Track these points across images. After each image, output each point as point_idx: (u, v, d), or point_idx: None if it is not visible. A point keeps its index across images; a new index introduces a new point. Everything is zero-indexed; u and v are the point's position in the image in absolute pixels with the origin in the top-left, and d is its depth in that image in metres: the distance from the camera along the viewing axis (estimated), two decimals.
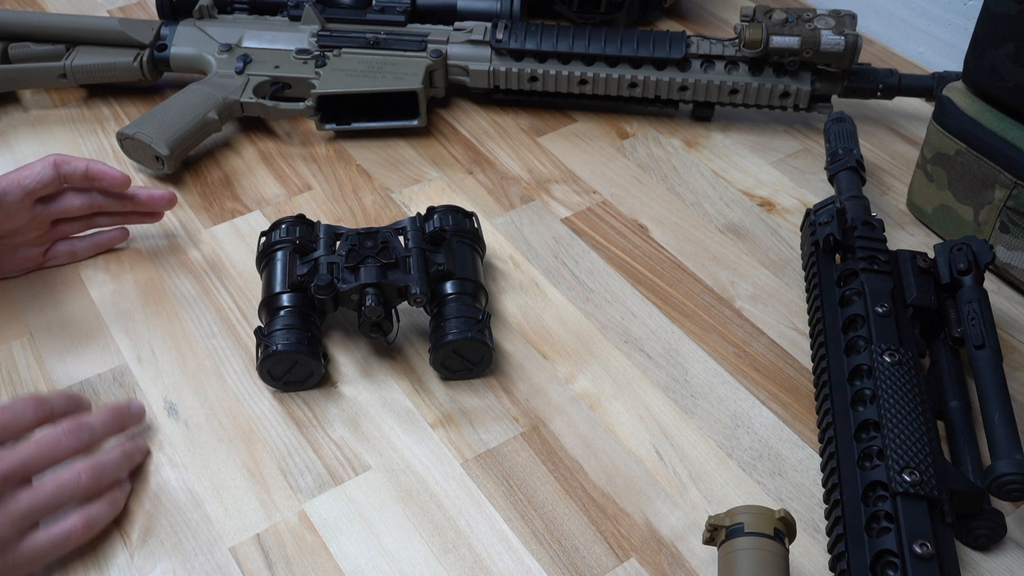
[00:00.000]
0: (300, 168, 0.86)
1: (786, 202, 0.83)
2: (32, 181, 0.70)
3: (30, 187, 0.70)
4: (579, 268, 0.77)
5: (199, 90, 0.87)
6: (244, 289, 0.75)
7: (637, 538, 0.59)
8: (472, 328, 0.66)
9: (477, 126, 0.91)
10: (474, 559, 0.58)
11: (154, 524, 0.60)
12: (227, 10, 0.95)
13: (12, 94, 0.94)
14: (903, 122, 0.91)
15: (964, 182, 0.74)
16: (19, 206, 0.70)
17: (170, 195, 0.77)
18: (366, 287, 0.66)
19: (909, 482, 0.54)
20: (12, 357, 0.70)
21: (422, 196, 0.84)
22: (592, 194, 0.84)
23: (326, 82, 0.87)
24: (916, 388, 0.59)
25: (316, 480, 0.62)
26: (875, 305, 0.64)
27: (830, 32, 0.82)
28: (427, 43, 0.89)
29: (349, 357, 0.70)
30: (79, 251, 0.77)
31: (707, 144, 0.89)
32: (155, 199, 0.76)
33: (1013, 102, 0.70)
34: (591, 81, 0.88)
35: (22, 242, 0.74)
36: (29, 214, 0.71)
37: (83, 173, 0.72)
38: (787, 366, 0.70)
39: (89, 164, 0.72)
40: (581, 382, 0.68)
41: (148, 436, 0.65)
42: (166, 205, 0.77)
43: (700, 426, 0.66)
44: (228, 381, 0.68)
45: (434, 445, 0.64)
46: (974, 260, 0.66)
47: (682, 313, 0.73)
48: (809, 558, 0.58)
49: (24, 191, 0.70)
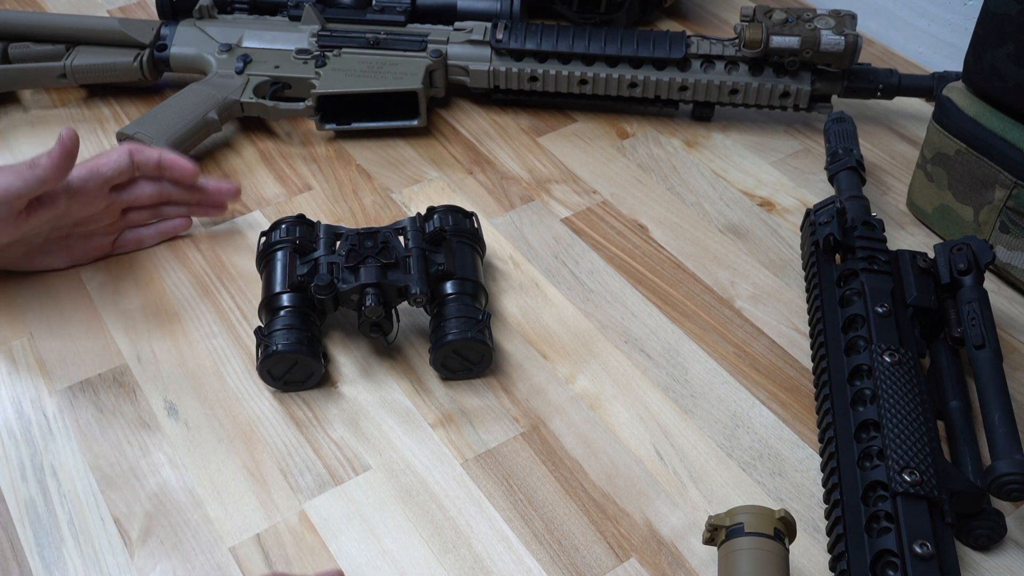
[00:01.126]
0: (300, 168, 0.86)
1: (786, 202, 0.83)
2: (110, 169, 0.72)
3: (108, 175, 0.72)
4: (579, 268, 0.77)
5: (199, 90, 0.87)
6: (244, 289, 0.75)
7: (637, 538, 0.59)
8: (472, 328, 0.66)
9: (477, 126, 0.91)
10: (474, 559, 0.58)
11: (154, 524, 0.60)
12: (227, 10, 0.95)
13: (12, 94, 0.94)
14: (903, 122, 0.91)
15: (964, 182, 0.74)
16: (97, 193, 0.72)
17: (236, 187, 0.78)
18: (366, 287, 0.66)
19: (909, 482, 0.54)
20: (12, 357, 0.70)
21: (422, 196, 0.84)
22: (592, 194, 0.84)
23: (326, 82, 0.87)
24: (916, 388, 0.59)
25: (316, 480, 0.62)
26: (875, 305, 0.64)
27: (830, 32, 0.82)
28: (427, 43, 0.89)
29: (349, 357, 0.70)
30: (145, 239, 0.78)
31: (707, 144, 0.89)
32: (222, 191, 0.78)
33: (1013, 102, 0.70)
34: (591, 81, 0.88)
35: (95, 230, 0.75)
36: (105, 202, 0.73)
37: (156, 163, 0.74)
38: (787, 366, 0.70)
39: (162, 154, 0.75)
40: (581, 382, 0.68)
41: (148, 436, 0.65)
42: (232, 197, 0.78)
43: (700, 426, 0.66)
44: (228, 381, 0.68)
45: (434, 445, 0.64)
46: (974, 260, 0.66)
47: (682, 313, 0.73)
48: (809, 558, 0.58)
49: (102, 179, 0.72)
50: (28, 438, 0.65)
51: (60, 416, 0.66)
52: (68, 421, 0.66)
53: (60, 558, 0.58)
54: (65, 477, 0.62)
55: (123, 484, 0.62)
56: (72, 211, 0.72)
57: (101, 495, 0.62)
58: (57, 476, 0.63)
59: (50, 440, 0.65)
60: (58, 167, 0.67)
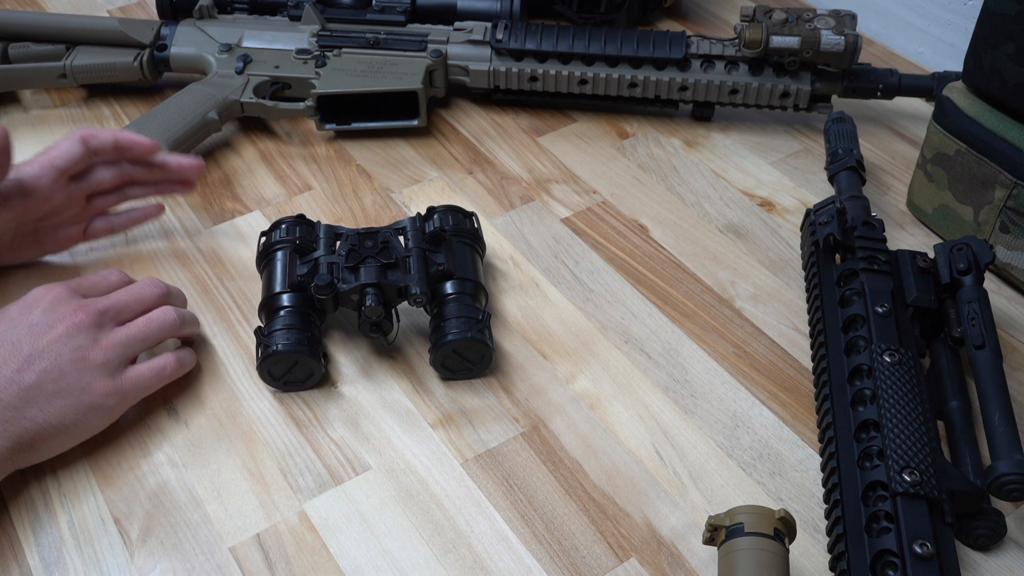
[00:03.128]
0: (300, 168, 0.86)
1: (786, 202, 0.83)
2: (63, 160, 0.70)
3: (61, 166, 0.70)
4: (579, 268, 0.77)
5: (199, 90, 0.87)
6: (244, 289, 0.75)
7: (637, 538, 0.59)
8: (472, 328, 0.66)
9: (477, 126, 0.91)
10: (474, 559, 0.58)
11: (154, 524, 0.60)
12: (227, 10, 0.95)
13: (12, 94, 0.94)
14: (903, 122, 0.91)
15: (964, 182, 0.74)
16: (54, 187, 0.70)
17: (199, 163, 0.76)
18: (366, 287, 0.66)
19: (909, 482, 0.54)
20: None
21: (422, 196, 0.84)
22: (592, 194, 0.84)
23: (326, 82, 0.87)
24: (916, 388, 0.59)
25: (316, 480, 0.62)
26: (875, 305, 0.64)
27: (830, 32, 0.82)
28: (427, 43, 0.89)
29: (349, 357, 0.70)
30: (116, 226, 0.77)
31: (707, 144, 0.89)
32: (184, 166, 0.76)
33: (1013, 102, 0.70)
34: (591, 81, 0.88)
35: (61, 221, 0.74)
36: (64, 193, 0.71)
37: (112, 144, 0.72)
38: (787, 366, 0.70)
39: (117, 134, 0.72)
40: (581, 382, 0.68)
41: (148, 436, 0.65)
42: (195, 172, 0.76)
43: (700, 426, 0.66)
44: (228, 381, 0.68)
45: (434, 445, 0.64)
46: (974, 260, 0.66)
47: (682, 313, 0.73)
48: (809, 558, 0.58)
49: (57, 171, 0.70)
50: None
51: None
52: None
53: (60, 558, 0.58)
54: (65, 477, 0.62)
55: (123, 484, 0.62)
56: (31, 209, 0.70)
57: (101, 495, 0.62)
58: (57, 476, 0.63)
59: None
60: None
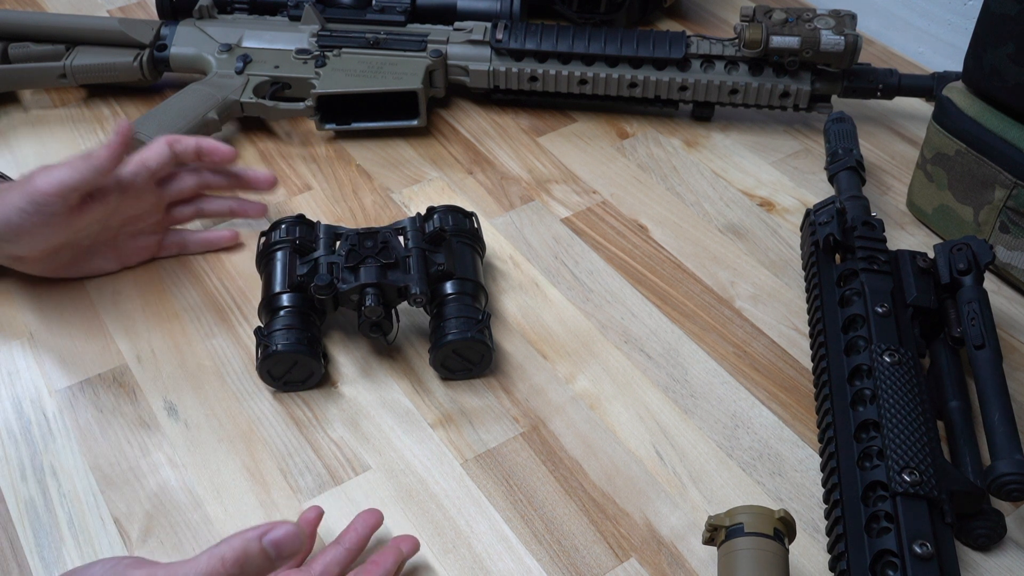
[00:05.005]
0: (300, 168, 0.86)
1: (786, 202, 0.83)
2: (155, 161, 0.71)
3: (153, 167, 0.71)
4: (579, 268, 0.77)
5: (199, 90, 0.87)
6: (244, 289, 0.75)
7: (637, 538, 0.59)
8: (472, 328, 0.66)
9: (477, 126, 0.91)
10: (474, 559, 0.58)
11: (154, 524, 0.60)
12: (227, 10, 0.95)
13: (12, 94, 0.94)
14: (903, 122, 0.91)
15: (964, 182, 0.74)
16: (145, 187, 0.71)
17: (272, 176, 0.77)
18: (366, 287, 0.66)
19: (909, 482, 0.54)
20: (12, 357, 0.70)
21: (422, 196, 0.84)
22: (592, 194, 0.84)
23: (326, 82, 0.87)
24: (916, 388, 0.59)
25: (316, 480, 0.62)
26: (875, 305, 0.64)
27: (830, 32, 0.82)
28: (427, 43, 0.89)
29: (349, 357, 0.70)
30: (189, 245, 0.77)
31: (707, 144, 0.89)
32: (258, 178, 0.76)
33: (1013, 102, 0.70)
34: (591, 81, 0.88)
35: (141, 229, 0.74)
36: (153, 196, 0.72)
37: (195, 149, 0.73)
38: (787, 366, 0.70)
39: (199, 140, 0.73)
40: (581, 382, 0.68)
41: (148, 436, 0.65)
42: (267, 185, 0.77)
43: (700, 426, 0.66)
44: (228, 381, 0.68)
45: (434, 445, 0.64)
46: (974, 260, 0.66)
47: (682, 313, 0.73)
48: (809, 558, 0.58)
49: (149, 172, 0.71)
50: (28, 438, 0.65)
51: (60, 416, 0.66)
52: (68, 421, 0.66)
53: (60, 558, 0.58)
54: (65, 477, 0.62)
55: (123, 484, 0.62)
56: (122, 208, 0.71)
57: (101, 495, 0.62)
58: (57, 476, 0.63)
59: (50, 440, 0.65)
60: (114, 156, 0.66)
